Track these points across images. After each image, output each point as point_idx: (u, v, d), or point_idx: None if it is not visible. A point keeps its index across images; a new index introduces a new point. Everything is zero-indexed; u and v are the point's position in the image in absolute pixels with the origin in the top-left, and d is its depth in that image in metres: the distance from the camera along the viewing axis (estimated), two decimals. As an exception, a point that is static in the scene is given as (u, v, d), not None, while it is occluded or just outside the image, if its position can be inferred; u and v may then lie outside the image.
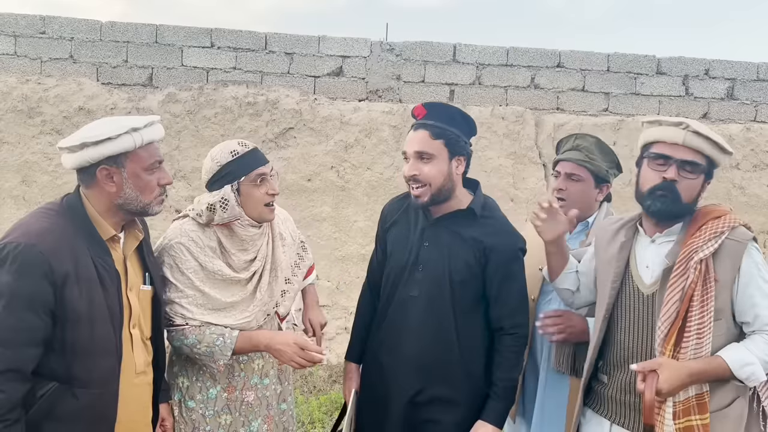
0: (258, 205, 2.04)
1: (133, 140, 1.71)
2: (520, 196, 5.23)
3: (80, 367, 1.67)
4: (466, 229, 2.10)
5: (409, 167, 2.09)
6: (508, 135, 5.21)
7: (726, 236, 1.72)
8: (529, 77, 5.58)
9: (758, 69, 5.68)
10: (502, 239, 2.11)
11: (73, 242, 1.68)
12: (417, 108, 2.14)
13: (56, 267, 1.61)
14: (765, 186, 5.35)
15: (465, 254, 2.09)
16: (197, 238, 2.03)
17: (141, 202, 1.77)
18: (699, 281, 1.70)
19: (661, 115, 5.49)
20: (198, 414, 2.07)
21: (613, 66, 5.61)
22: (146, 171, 1.76)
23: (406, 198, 2.26)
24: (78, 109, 5.01)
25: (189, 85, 5.20)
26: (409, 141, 2.10)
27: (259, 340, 2.03)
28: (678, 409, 1.70)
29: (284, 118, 5.11)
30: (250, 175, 2.01)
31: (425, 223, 2.17)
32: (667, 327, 1.74)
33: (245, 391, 2.12)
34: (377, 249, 2.35)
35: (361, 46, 5.49)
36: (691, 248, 1.73)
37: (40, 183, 4.97)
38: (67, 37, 5.34)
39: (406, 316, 2.15)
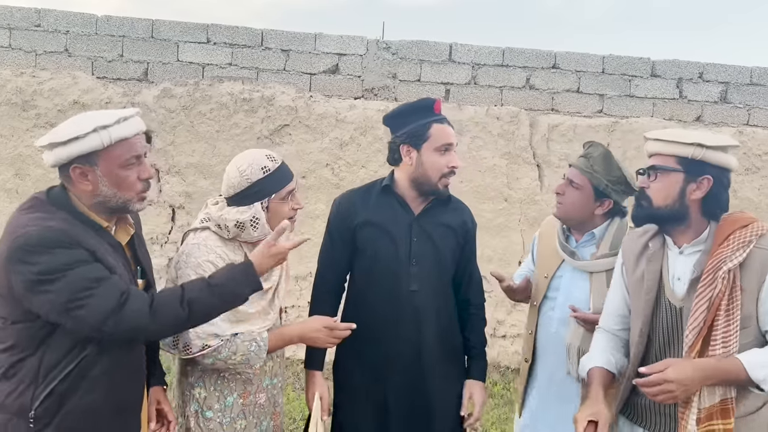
0: (282, 219, 1.99)
1: (101, 139, 1.63)
2: (513, 196, 5.24)
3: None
4: (446, 216, 2.32)
5: (456, 159, 2.25)
6: (502, 135, 5.23)
7: (753, 245, 1.71)
8: (525, 78, 5.59)
9: (751, 73, 5.72)
10: (470, 218, 2.41)
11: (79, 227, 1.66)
12: (438, 103, 2.26)
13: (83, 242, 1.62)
14: (757, 189, 5.39)
15: (451, 242, 2.32)
16: (223, 254, 1.97)
17: (120, 198, 1.72)
18: (726, 291, 1.70)
19: (656, 121, 5.52)
20: (215, 423, 2.04)
21: (608, 68, 5.63)
22: (121, 168, 1.69)
23: (365, 194, 2.33)
24: (73, 103, 4.99)
25: (184, 81, 5.20)
26: (451, 134, 2.24)
27: (291, 334, 2.07)
28: (702, 416, 1.69)
29: (279, 114, 5.11)
30: (280, 192, 1.99)
31: (409, 218, 2.26)
32: (693, 336, 1.73)
33: (258, 393, 2.11)
34: (337, 246, 2.31)
35: (357, 44, 5.49)
36: (719, 258, 1.72)
37: (33, 176, 4.95)
38: (63, 31, 5.32)
39: (405, 310, 2.24)
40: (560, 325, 2.36)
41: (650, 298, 1.87)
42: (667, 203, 1.80)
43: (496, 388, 4.80)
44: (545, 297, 2.42)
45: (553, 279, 2.41)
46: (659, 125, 5.34)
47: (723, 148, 1.77)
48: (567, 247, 2.38)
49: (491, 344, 5.23)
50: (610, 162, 2.30)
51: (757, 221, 1.76)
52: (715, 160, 1.76)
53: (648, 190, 1.82)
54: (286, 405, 4.22)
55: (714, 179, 1.77)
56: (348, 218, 2.29)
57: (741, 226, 1.74)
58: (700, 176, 1.77)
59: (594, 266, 2.30)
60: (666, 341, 1.86)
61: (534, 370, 2.46)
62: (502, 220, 5.22)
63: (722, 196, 1.80)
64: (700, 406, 1.69)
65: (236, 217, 1.95)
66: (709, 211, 1.81)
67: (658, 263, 1.89)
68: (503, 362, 5.15)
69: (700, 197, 1.78)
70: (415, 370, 2.27)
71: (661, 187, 1.80)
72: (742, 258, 1.70)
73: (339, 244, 2.31)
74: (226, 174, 2.02)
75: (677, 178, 1.78)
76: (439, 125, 2.22)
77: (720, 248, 1.74)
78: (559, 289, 2.39)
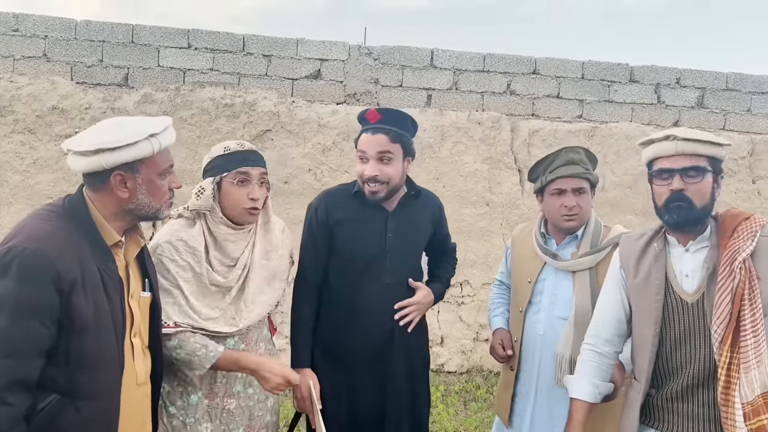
0: (236, 206, 2.03)
1: (152, 146, 1.63)
2: (495, 201, 5.28)
3: (85, 378, 1.58)
4: (417, 210, 2.46)
5: (370, 168, 2.29)
6: (484, 140, 5.26)
7: (760, 234, 1.76)
8: (506, 83, 5.64)
9: (727, 78, 5.82)
10: (438, 206, 2.57)
11: (79, 247, 1.59)
12: (370, 112, 2.33)
13: (64, 273, 1.52)
14: (733, 193, 5.48)
15: (423, 234, 2.49)
16: (187, 237, 2.02)
17: (153, 207, 1.71)
18: (746, 280, 1.72)
19: (635, 126, 5.60)
20: (179, 421, 2.02)
21: (587, 73, 5.70)
22: (159, 176, 1.70)
23: (342, 194, 2.42)
24: (51, 109, 4.94)
25: (165, 86, 5.16)
26: (369, 143, 2.30)
27: (247, 362, 2.01)
28: (747, 411, 1.68)
29: (261, 120, 5.10)
30: (231, 172, 2.03)
31: (384, 216, 2.38)
32: (722, 329, 1.73)
33: (227, 398, 2.07)
34: (317, 245, 2.36)
35: (339, 49, 5.50)
36: (732, 249, 1.76)
37: (11, 183, 4.88)
38: (41, 35, 5.26)
39: (381, 301, 2.36)
40: (547, 327, 2.37)
41: (660, 297, 1.88)
42: (705, 203, 1.82)
43: (479, 392, 4.82)
44: (530, 302, 2.43)
45: (537, 283, 2.43)
46: (638, 130, 5.41)
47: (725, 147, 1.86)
48: (548, 249, 2.41)
49: (474, 349, 5.25)
50: (592, 157, 2.42)
51: (754, 215, 1.83)
52: (724, 157, 1.85)
53: (687, 192, 1.81)
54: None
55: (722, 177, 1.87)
56: (325, 218, 2.36)
57: (744, 218, 1.80)
58: (721, 175, 1.86)
59: (577, 265, 2.33)
60: (678, 339, 1.85)
61: (520, 377, 2.46)
62: (484, 224, 5.25)
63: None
64: (743, 400, 1.68)
65: (194, 188, 2.07)
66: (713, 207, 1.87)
67: (663, 263, 1.90)
68: (486, 366, 5.16)
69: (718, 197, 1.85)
70: (387, 360, 2.37)
71: (701, 188, 1.82)
72: (753, 247, 1.75)
73: (320, 243, 2.36)
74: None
75: (710, 179, 1.83)
76: (363, 135, 2.34)
77: (731, 240, 1.78)
78: (543, 292, 2.41)
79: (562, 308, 2.34)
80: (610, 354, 2.03)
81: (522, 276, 2.48)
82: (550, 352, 2.34)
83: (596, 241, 2.35)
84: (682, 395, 1.83)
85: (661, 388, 1.88)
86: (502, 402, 2.52)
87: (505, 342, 2.50)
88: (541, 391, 2.39)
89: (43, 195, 4.82)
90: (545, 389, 2.37)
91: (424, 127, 5.15)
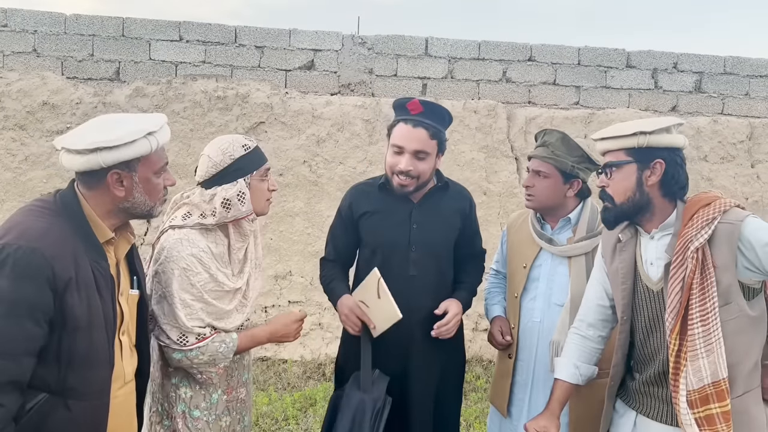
0: (262, 199, 2.05)
1: (150, 144, 1.62)
2: (492, 190, 5.24)
3: (75, 377, 1.56)
4: (444, 203, 2.39)
5: (405, 162, 2.24)
6: (480, 128, 5.22)
7: (718, 221, 1.72)
8: (501, 71, 5.59)
9: (725, 62, 5.77)
10: (468, 202, 2.48)
11: (73, 245, 1.56)
12: (413, 103, 2.27)
13: (59, 272, 1.50)
14: (732, 177, 5.44)
15: (449, 228, 2.39)
16: (206, 247, 1.97)
17: (147, 205, 1.70)
18: (697, 269, 1.71)
19: (632, 111, 5.55)
20: (203, 422, 2.03)
21: (583, 59, 5.65)
22: (155, 174, 1.69)
23: (369, 186, 2.44)
24: (42, 104, 4.88)
25: (157, 80, 5.11)
26: (408, 137, 2.25)
27: (261, 335, 2.10)
28: (693, 398, 1.70)
29: (255, 112, 5.05)
30: (260, 169, 2.02)
31: (409, 207, 2.35)
32: (673, 318, 1.74)
33: (239, 388, 2.12)
34: (347, 230, 2.44)
35: (332, 39, 5.44)
36: (686, 238, 1.75)
37: (3, 180, 4.83)
38: (30, 30, 5.20)
39: (405, 293, 2.29)
40: (544, 314, 2.35)
41: (627, 287, 1.90)
42: (628, 196, 1.83)
43: (479, 382, 4.79)
44: (526, 289, 2.41)
45: (532, 269, 2.40)
46: (635, 116, 5.37)
47: (666, 129, 1.80)
48: (544, 234, 2.38)
49: (474, 338, 5.23)
50: (569, 143, 2.35)
51: (720, 198, 1.78)
52: (661, 142, 1.79)
53: (608, 189, 1.86)
54: (268, 405, 4.17)
55: (666, 161, 1.80)
56: (353, 209, 2.41)
57: (704, 204, 1.76)
58: (651, 161, 1.80)
59: (573, 250, 2.31)
60: (648, 326, 1.88)
61: (517, 366, 2.43)
62: (481, 213, 5.19)
63: (679, 175, 1.82)
64: (689, 388, 1.70)
65: (223, 195, 1.96)
66: (670, 192, 1.83)
67: (631, 251, 1.92)
68: (485, 356, 5.14)
69: (657, 181, 1.81)
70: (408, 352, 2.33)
71: (619, 182, 1.83)
72: (708, 235, 1.72)
73: (349, 228, 2.44)
74: (204, 157, 2.01)
75: (631, 170, 1.82)
76: (402, 126, 2.28)
77: (685, 228, 1.76)
78: (539, 278, 2.39)
79: (559, 294, 2.31)
80: (594, 338, 2.06)
81: (518, 261, 2.45)
82: (547, 340, 2.31)
83: (593, 226, 2.33)
84: (657, 380, 1.86)
85: (642, 373, 1.91)
86: (500, 392, 2.48)
87: (504, 328, 2.47)
88: (538, 380, 2.36)
89: (36, 191, 4.77)
90: (542, 378, 2.34)
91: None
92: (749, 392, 1.75)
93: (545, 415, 1.95)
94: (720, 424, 1.67)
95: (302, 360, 5.06)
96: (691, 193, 1.87)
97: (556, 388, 2.02)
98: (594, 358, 2.06)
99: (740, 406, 1.72)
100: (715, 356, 1.68)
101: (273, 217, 5.08)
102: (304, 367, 4.93)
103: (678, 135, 1.83)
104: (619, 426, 1.95)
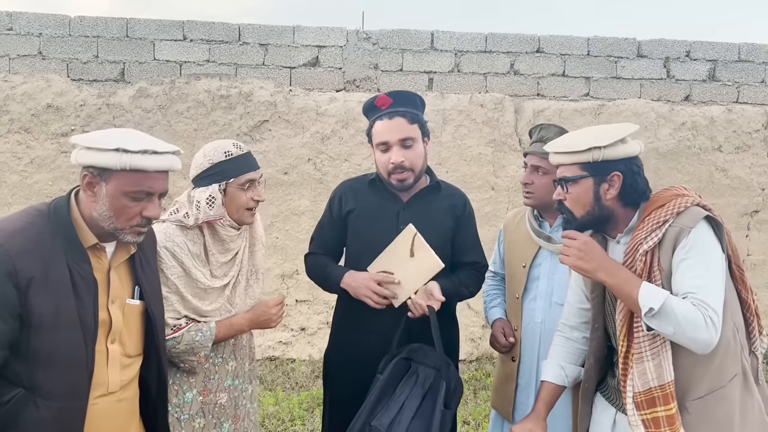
0: (240, 208, 2.03)
1: (119, 161, 1.59)
2: (500, 185, 5.16)
3: (43, 376, 1.57)
4: (435, 204, 2.30)
5: (395, 155, 2.19)
6: (487, 122, 5.13)
7: (670, 224, 1.68)
8: (509, 63, 5.49)
9: (739, 50, 5.62)
10: (463, 200, 2.38)
11: (47, 245, 1.58)
12: (380, 99, 2.24)
13: (21, 269, 1.52)
14: (747, 168, 5.30)
15: (440, 228, 2.29)
16: (182, 243, 2.00)
17: (112, 224, 1.64)
18: (645, 272, 1.68)
19: (644, 102, 5.43)
20: (173, 418, 2.03)
21: (593, 50, 5.53)
22: (126, 196, 1.63)
23: (359, 183, 2.39)
24: (47, 107, 4.89)
25: (160, 80, 5.09)
26: (389, 130, 2.20)
27: (241, 322, 2.09)
28: (639, 400, 1.70)
29: (258, 110, 5.01)
30: (239, 178, 2.00)
31: (398, 206, 2.28)
32: (621, 320, 1.73)
33: (219, 393, 2.10)
34: (334, 229, 2.39)
35: (336, 35, 5.39)
36: (636, 241, 1.72)
37: (9, 183, 4.85)
38: (35, 33, 5.21)
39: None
40: (546, 314, 2.29)
41: (596, 295, 1.89)
42: (587, 210, 1.78)
43: (489, 381, 4.73)
44: (526, 289, 2.34)
45: (532, 268, 2.33)
46: (646, 106, 5.25)
47: (621, 141, 1.74)
48: (542, 232, 2.32)
49: (483, 336, 5.16)
50: None
51: (677, 198, 1.72)
52: (616, 154, 1.73)
53: (566, 203, 1.81)
54: (275, 406, 4.15)
55: (623, 172, 1.74)
56: (341, 205, 2.35)
57: (659, 205, 1.72)
58: (608, 174, 1.75)
59: None
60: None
61: (520, 368, 2.36)
62: (489, 209, 5.13)
63: (637, 183, 1.78)
64: (634, 390, 1.71)
65: (195, 197, 2.00)
66: (631, 201, 1.79)
67: None
68: (495, 354, 5.07)
69: (616, 194, 1.76)
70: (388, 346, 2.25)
71: (575, 197, 1.78)
72: (657, 239, 1.68)
73: (337, 224, 2.38)
74: (194, 158, 2.07)
75: (587, 184, 1.76)
76: (378, 123, 2.24)
77: (636, 231, 1.73)
78: (539, 278, 2.33)
79: (560, 293, 2.25)
80: (578, 339, 2.04)
81: (516, 261, 2.39)
82: (550, 340, 2.24)
83: None
84: None
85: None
86: (504, 396, 2.42)
87: (506, 330, 2.40)
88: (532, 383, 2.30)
89: (42, 194, 4.78)
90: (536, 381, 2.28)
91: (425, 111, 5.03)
92: (714, 392, 1.69)
93: (531, 418, 1.92)
94: (664, 427, 1.65)
95: (310, 359, 5.03)
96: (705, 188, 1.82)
97: (542, 390, 1.99)
98: (579, 359, 2.02)
99: (701, 408, 1.68)
100: (660, 359, 1.67)
101: (279, 216, 5.05)
102: (312, 366, 4.90)
103: (633, 143, 1.77)
104: (599, 422, 1.93)
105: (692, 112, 5.30)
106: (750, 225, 5.37)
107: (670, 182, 4.99)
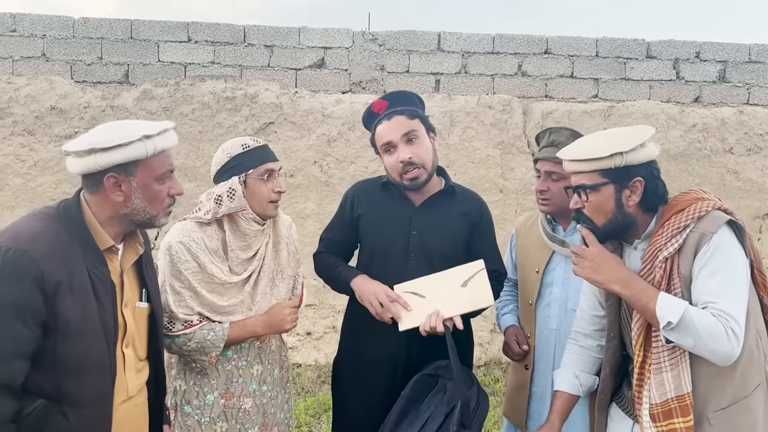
0: (263, 200, 2.02)
1: (146, 148, 1.58)
2: (509, 187, 5.09)
3: (71, 384, 1.54)
4: (449, 208, 2.23)
5: (402, 152, 2.14)
6: (495, 124, 5.07)
7: (690, 229, 1.62)
8: (516, 64, 5.44)
9: (750, 50, 5.55)
10: (480, 205, 2.31)
11: (66, 249, 1.55)
12: (376, 104, 2.21)
13: (48, 274, 1.49)
14: (759, 170, 5.23)
15: (453, 234, 2.22)
16: (198, 238, 2.00)
17: (148, 213, 1.65)
18: (664, 279, 1.62)
19: (653, 103, 5.36)
20: (193, 420, 2.02)
21: (601, 51, 5.47)
22: (157, 181, 1.64)
23: (372, 185, 2.34)
24: (50, 109, 4.84)
25: (165, 81, 5.05)
26: (390, 129, 2.15)
27: (255, 324, 2.05)
28: (655, 412, 1.64)
29: (264, 112, 4.96)
30: (258, 168, 2.01)
31: (410, 211, 2.22)
32: (637, 329, 1.68)
33: (243, 397, 2.07)
34: (344, 231, 2.34)
35: (342, 36, 5.34)
36: (655, 247, 1.65)
37: (12, 186, 4.81)
38: (39, 35, 5.17)
39: None
40: (561, 320, 2.23)
41: (611, 302, 1.83)
42: (608, 218, 1.71)
43: (498, 386, 4.66)
44: (540, 295, 2.28)
45: (545, 273, 2.28)
46: (656, 108, 5.18)
47: (642, 145, 1.68)
48: (556, 237, 2.26)
49: (492, 340, 5.10)
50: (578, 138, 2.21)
51: (697, 202, 1.66)
52: (638, 159, 1.67)
53: (585, 211, 1.73)
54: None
55: (645, 177, 1.68)
56: (354, 206, 2.32)
57: (677, 211, 1.66)
58: (630, 181, 1.68)
59: None
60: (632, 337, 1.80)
61: (534, 377, 2.31)
62: (498, 211, 5.07)
63: (658, 187, 1.72)
64: (651, 401, 1.65)
65: (215, 191, 2.00)
66: (652, 206, 1.73)
67: None
68: (504, 359, 5.00)
69: (638, 200, 1.69)
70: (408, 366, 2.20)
71: (596, 205, 1.71)
72: (678, 245, 1.62)
73: (348, 226, 2.33)
74: (213, 158, 2.08)
75: (608, 192, 1.69)
76: (379, 127, 2.21)
77: (656, 236, 1.67)
78: (553, 283, 2.27)
79: (575, 299, 2.18)
80: (592, 347, 1.99)
81: (530, 267, 2.33)
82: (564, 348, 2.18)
83: None
84: None
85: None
86: (517, 404, 2.36)
87: (519, 338, 2.34)
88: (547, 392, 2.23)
89: (46, 197, 4.74)
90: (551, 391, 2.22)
91: (432, 113, 4.97)
92: (737, 403, 1.63)
93: (545, 429, 1.87)
94: None
95: (316, 364, 4.97)
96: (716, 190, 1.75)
97: (556, 399, 1.93)
98: (594, 368, 1.97)
99: (724, 419, 1.62)
100: (679, 370, 1.60)
101: (284, 219, 4.99)
102: (319, 371, 4.84)
103: (651, 146, 1.70)
104: None
105: (703, 114, 5.23)
106: (762, 228, 5.30)
107: (680, 185, 4.92)
